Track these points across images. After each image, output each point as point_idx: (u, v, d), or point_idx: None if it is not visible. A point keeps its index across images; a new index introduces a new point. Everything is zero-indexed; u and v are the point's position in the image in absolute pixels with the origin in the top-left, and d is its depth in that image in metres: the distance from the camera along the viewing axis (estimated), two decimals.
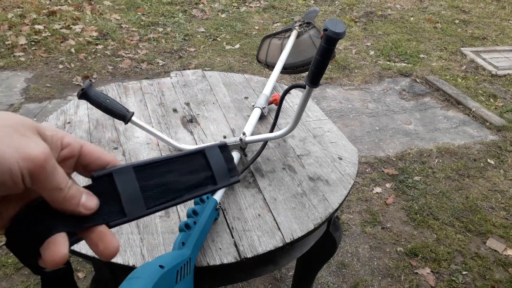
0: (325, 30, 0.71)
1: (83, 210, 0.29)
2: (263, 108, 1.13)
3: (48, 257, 0.27)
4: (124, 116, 0.94)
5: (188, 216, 0.74)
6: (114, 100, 0.94)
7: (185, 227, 0.71)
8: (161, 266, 0.60)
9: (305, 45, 1.33)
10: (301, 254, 0.98)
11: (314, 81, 0.79)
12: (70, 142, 0.30)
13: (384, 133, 2.57)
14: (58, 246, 0.28)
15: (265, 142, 1.01)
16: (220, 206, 0.84)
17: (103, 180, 0.30)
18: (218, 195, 0.83)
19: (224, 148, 0.33)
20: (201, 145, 1.03)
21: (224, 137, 1.09)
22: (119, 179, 0.30)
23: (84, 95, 0.89)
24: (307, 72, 0.83)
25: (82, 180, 0.74)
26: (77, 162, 0.31)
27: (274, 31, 1.42)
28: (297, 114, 0.87)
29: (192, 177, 0.32)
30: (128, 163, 0.31)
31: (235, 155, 0.97)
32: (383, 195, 2.07)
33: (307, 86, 0.80)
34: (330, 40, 0.71)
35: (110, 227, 0.30)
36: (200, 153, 0.32)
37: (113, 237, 0.30)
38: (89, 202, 0.30)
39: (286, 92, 0.89)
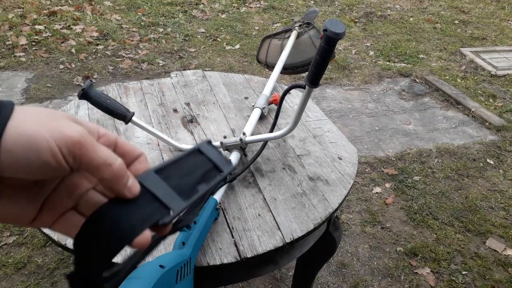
0: (324, 30, 0.71)
1: (127, 193, 0.29)
2: (263, 108, 1.14)
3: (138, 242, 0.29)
4: (124, 116, 0.95)
5: None
6: (114, 100, 0.94)
7: (185, 227, 0.71)
8: (161, 266, 0.60)
9: (305, 45, 1.33)
10: (301, 254, 0.98)
11: (314, 81, 0.79)
12: (106, 133, 0.31)
13: (383, 133, 2.57)
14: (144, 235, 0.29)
15: (265, 142, 1.01)
16: (220, 206, 0.84)
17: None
18: (218, 195, 0.84)
19: (211, 143, 0.36)
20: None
21: (224, 137, 1.09)
22: (148, 182, 0.31)
23: (84, 95, 0.89)
24: (307, 72, 0.83)
25: None
26: None
27: (274, 32, 1.42)
28: (297, 114, 0.88)
29: (200, 171, 0.34)
30: (148, 169, 0.32)
31: (235, 155, 0.97)
32: (382, 195, 2.08)
33: (307, 86, 0.81)
34: (330, 41, 0.72)
35: (161, 227, 0.31)
36: (197, 151, 0.35)
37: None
38: (135, 186, 0.30)
39: (286, 92, 0.89)
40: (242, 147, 0.97)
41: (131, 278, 0.58)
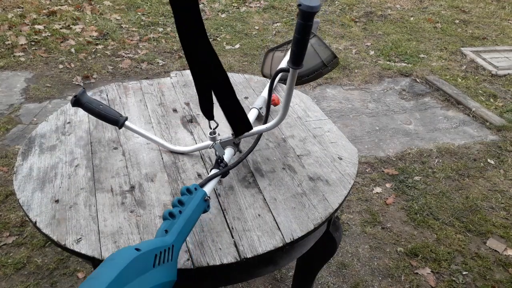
0: (299, 5, 0.69)
1: None
2: (260, 108, 1.14)
3: None
4: (117, 121, 0.95)
5: (174, 205, 0.74)
6: (107, 106, 0.95)
7: (169, 216, 0.71)
8: (137, 249, 0.61)
9: (307, 54, 1.32)
10: (301, 254, 0.98)
11: (296, 62, 0.77)
12: None
13: (384, 133, 2.57)
14: None
15: (259, 135, 1.00)
16: (209, 197, 0.83)
17: None
18: (208, 188, 0.82)
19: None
20: (200, 144, 1.03)
21: (218, 134, 1.09)
22: None
23: (76, 102, 0.91)
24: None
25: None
26: None
27: (276, 44, 1.41)
28: (285, 101, 0.85)
29: None
30: None
31: (229, 151, 0.96)
32: (383, 195, 2.07)
33: (290, 69, 0.79)
34: (305, 15, 0.69)
35: None
36: None
37: None
38: None
39: (274, 78, 0.88)
40: (235, 142, 0.96)
41: (105, 261, 0.59)
